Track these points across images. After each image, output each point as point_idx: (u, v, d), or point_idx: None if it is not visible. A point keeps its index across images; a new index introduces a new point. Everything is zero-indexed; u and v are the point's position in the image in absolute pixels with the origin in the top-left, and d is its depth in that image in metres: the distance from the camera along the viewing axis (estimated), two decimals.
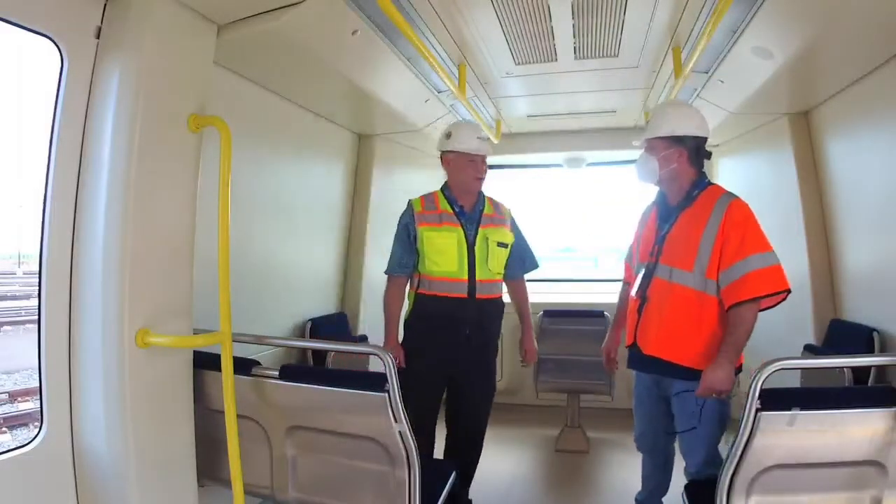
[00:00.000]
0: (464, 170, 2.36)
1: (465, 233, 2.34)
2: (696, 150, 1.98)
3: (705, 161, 2.03)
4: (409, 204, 2.42)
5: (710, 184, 2.02)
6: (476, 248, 2.34)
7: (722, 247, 1.85)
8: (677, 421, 2.02)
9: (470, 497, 2.51)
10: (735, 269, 1.82)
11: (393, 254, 2.41)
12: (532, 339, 2.60)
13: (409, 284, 2.43)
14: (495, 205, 2.48)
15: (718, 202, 1.92)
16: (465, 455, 2.41)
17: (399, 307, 2.41)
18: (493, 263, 2.37)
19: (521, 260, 2.53)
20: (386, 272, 2.44)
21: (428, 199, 2.42)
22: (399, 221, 2.42)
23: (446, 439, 2.47)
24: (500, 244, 2.40)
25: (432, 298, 2.32)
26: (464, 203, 2.39)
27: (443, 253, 2.31)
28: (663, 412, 2.08)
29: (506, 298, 2.54)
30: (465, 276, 2.31)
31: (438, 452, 2.46)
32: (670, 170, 1.98)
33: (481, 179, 2.40)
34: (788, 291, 1.83)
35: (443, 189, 2.45)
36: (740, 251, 1.82)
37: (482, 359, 2.42)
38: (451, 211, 2.37)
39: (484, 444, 2.54)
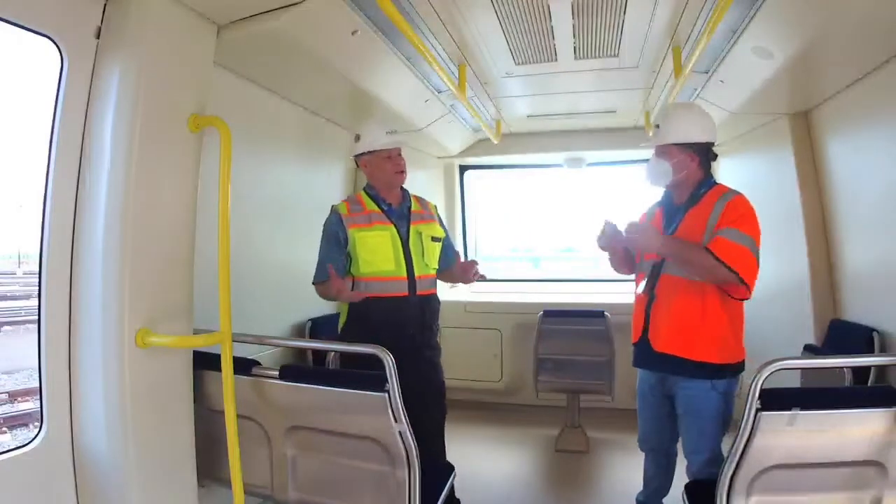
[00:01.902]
0: (382, 167, 2.30)
1: (397, 230, 2.28)
2: (706, 154, 2.02)
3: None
4: (334, 209, 2.32)
5: (716, 184, 2.04)
6: (411, 244, 2.29)
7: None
8: (681, 420, 2.02)
9: (458, 497, 2.47)
10: (714, 234, 1.87)
11: (319, 262, 2.28)
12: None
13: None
14: (421, 202, 2.44)
15: (721, 197, 1.95)
16: (432, 457, 2.32)
17: (339, 286, 2.21)
18: (430, 258, 2.33)
19: (450, 255, 2.50)
20: (314, 282, 2.28)
21: (352, 201, 2.36)
22: (324, 230, 2.31)
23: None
24: (434, 238, 2.37)
25: (371, 301, 2.20)
26: (391, 200, 2.34)
27: (377, 252, 2.23)
28: (667, 413, 2.08)
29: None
30: (405, 274, 2.25)
31: None
32: (683, 174, 2.00)
33: (403, 173, 2.34)
34: (748, 289, 1.84)
35: (365, 189, 2.39)
36: (724, 224, 1.87)
37: (426, 357, 2.33)
38: (380, 210, 2.31)
39: (483, 444, 2.52)
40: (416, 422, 2.35)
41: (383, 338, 2.10)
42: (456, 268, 2.49)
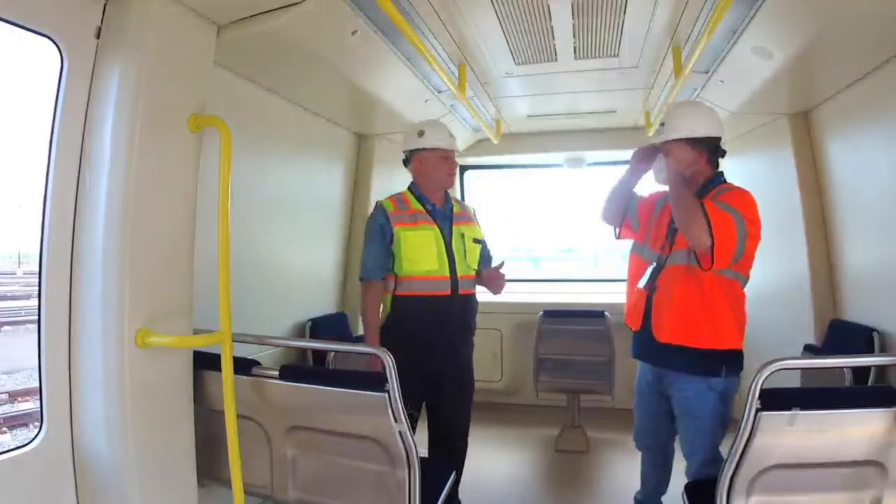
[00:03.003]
0: (438, 167, 2.33)
1: (440, 230, 2.31)
2: (713, 150, 2.00)
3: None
4: (380, 205, 2.35)
5: (725, 181, 2.03)
6: (453, 244, 2.32)
7: None
8: (678, 421, 2.02)
9: (459, 497, 2.46)
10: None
11: (368, 258, 2.32)
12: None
13: (384, 288, 2.36)
14: (461, 204, 2.50)
15: (720, 190, 1.95)
16: (451, 456, 2.36)
17: (378, 312, 2.35)
18: (471, 259, 2.37)
19: (487, 257, 2.56)
20: (363, 277, 2.34)
21: (398, 199, 2.38)
22: (370, 225, 2.34)
23: (429, 440, 2.41)
24: (476, 240, 2.41)
25: (413, 299, 2.26)
26: (435, 201, 2.38)
27: (421, 251, 2.27)
28: (664, 410, 2.08)
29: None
30: (447, 273, 2.28)
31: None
32: (690, 171, 1.99)
33: (453, 176, 2.40)
34: (712, 259, 1.81)
35: (410, 189, 2.41)
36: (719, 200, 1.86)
37: (462, 355, 2.38)
38: (424, 209, 2.34)
39: (483, 444, 2.52)
40: (448, 419, 2.37)
41: (424, 336, 2.22)
42: (485, 273, 2.48)
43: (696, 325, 1.91)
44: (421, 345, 2.22)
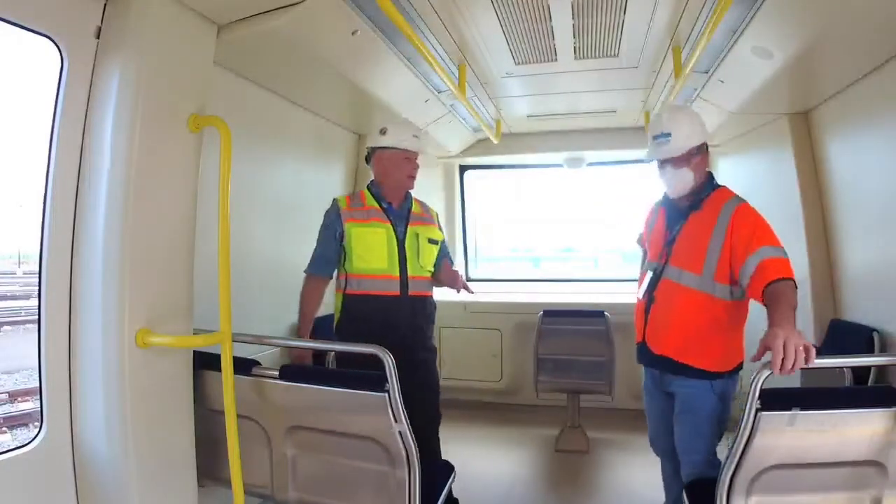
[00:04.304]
0: (399, 167, 2.31)
1: (394, 229, 2.29)
2: (706, 153, 2.01)
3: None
4: (334, 202, 2.34)
5: (718, 186, 2.02)
6: (406, 244, 2.29)
7: (731, 251, 1.86)
8: (676, 419, 2.01)
9: (456, 497, 2.45)
10: (749, 262, 1.80)
11: (315, 253, 2.33)
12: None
13: (335, 286, 2.35)
14: (423, 205, 2.46)
15: (725, 206, 1.92)
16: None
17: (315, 307, 2.33)
18: (425, 260, 2.33)
19: (441, 259, 2.48)
20: (306, 271, 2.34)
21: (354, 196, 2.37)
22: (323, 221, 2.34)
23: None
24: (431, 241, 2.37)
25: (362, 298, 2.25)
26: (392, 201, 2.35)
27: (371, 249, 2.24)
28: (672, 407, 2.06)
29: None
30: (397, 273, 2.25)
31: None
32: (700, 175, 2.00)
33: (414, 178, 2.36)
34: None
35: (369, 187, 2.39)
36: (750, 246, 1.82)
37: (420, 359, 2.33)
38: (379, 207, 2.32)
39: (484, 444, 2.51)
40: (410, 418, 2.34)
41: (375, 336, 2.10)
42: (443, 271, 2.44)
43: (690, 345, 1.92)
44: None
